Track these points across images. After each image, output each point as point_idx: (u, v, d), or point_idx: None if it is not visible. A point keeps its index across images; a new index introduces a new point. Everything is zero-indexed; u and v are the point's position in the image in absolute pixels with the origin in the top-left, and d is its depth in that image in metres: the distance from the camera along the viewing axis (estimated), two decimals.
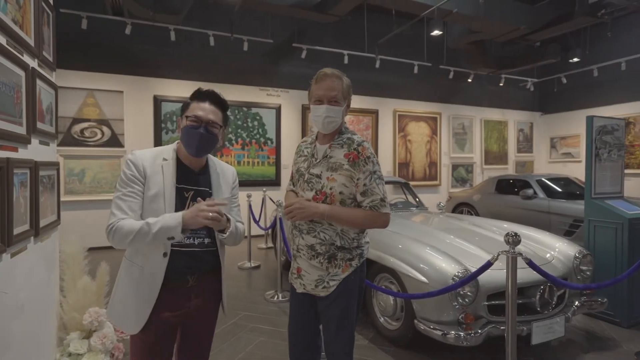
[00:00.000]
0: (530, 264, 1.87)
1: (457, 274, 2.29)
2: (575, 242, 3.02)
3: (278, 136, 7.10)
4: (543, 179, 5.99)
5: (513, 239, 1.77)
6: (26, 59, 1.74)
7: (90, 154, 5.76)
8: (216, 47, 6.29)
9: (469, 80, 8.41)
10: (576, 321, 3.12)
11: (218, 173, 1.48)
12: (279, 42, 6.98)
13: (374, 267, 2.85)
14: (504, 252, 1.81)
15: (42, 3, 1.97)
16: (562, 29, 7.02)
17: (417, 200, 4.44)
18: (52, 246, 2.10)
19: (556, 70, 8.92)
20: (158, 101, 6.20)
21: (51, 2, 2.14)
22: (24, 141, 1.70)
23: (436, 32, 6.18)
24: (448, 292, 2.18)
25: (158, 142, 6.19)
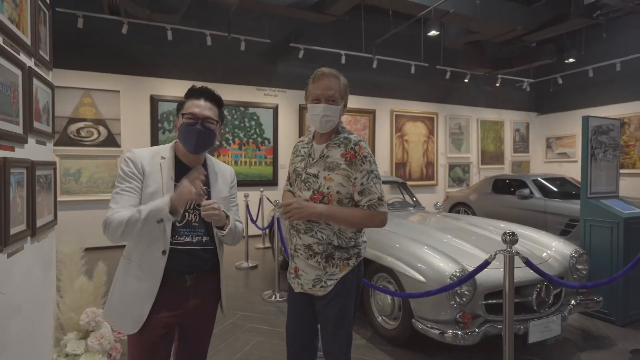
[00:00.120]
0: (527, 263, 1.88)
1: (455, 273, 2.30)
2: (571, 242, 3.04)
3: (275, 136, 7.10)
4: (539, 179, 6.03)
5: (510, 238, 1.77)
6: (23, 58, 1.73)
7: (86, 154, 5.73)
8: (213, 47, 6.28)
9: (466, 80, 8.44)
10: (572, 320, 3.14)
11: (216, 172, 1.49)
12: (276, 42, 6.97)
13: (372, 267, 2.85)
14: (502, 252, 1.82)
15: (39, 2, 1.96)
16: (558, 30, 7.06)
17: (415, 200, 4.46)
18: (49, 246, 2.09)
19: (552, 70, 8.98)
20: (155, 101, 6.18)
21: (47, 1, 2.13)
22: (21, 140, 1.69)
23: (433, 33, 6.20)
24: (446, 292, 2.18)
25: (155, 142, 6.16)
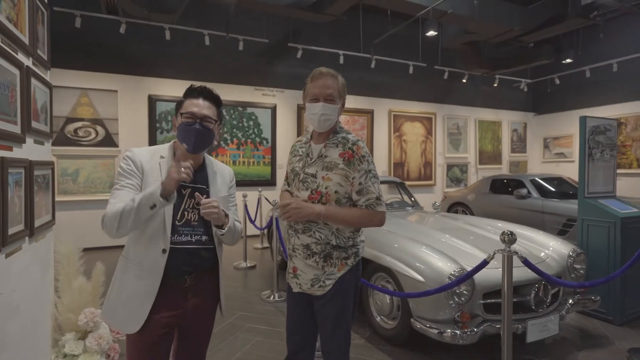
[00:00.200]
0: (525, 263, 1.88)
1: (453, 273, 2.30)
2: (568, 241, 3.05)
3: (273, 136, 7.10)
4: (537, 179, 6.05)
5: (509, 238, 1.78)
6: (21, 58, 1.72)
7: (84, 154, 5.71)
8: (211, 47, 6.27)
9: (464, 80, 8.47)
10: (570, 319, 3.15)
11: (215, 171, 1.50)
12: (275, 42, 6.97)
13: (371, 267, 2.86)
14: (500, 251, 1.82)
15: (37, 1, 1.95)
16: (555, 31, 7.10)
17: (413, 199, 4.46)
18: (47, 246, 2.08)
19: (549, 71, 9.01)
20: (153, 101, 6.17)
21: (45, 1, 2.12)
22: (19, 140, 1.68)
23: (431, 33, 6.22)
24: (444, 291, 2.19)
25: (153, 142, 6.15)
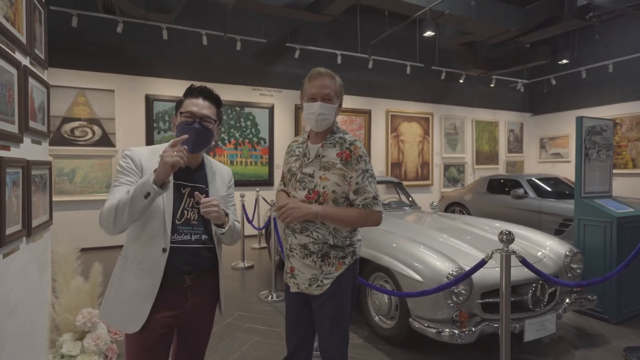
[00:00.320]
0: (523, 262, 1.89)
1: (452, 273, 2.31)
2: (565, 241, 3.07)
3: (271, 136, 7.09)
4: (533, 179, 6.08)
5: (507, 238, 1.79)
6: (18, 57, 1.71)
7: (80, 154, 5.68)
8: (209, 47, 6.25)
9: (461, 81, 8.49)
10: (567, 318, 3.17)
11: (214, 171, 1.50)
12: (272, 42, 6.97)
13: (369, 266, 2.86)
14: (498, 251, 1.83)
15: (34, 0, 1.95)
16: (552, 31, 7.13)
17: (410, 199, 4.47)
18: (44, 246, 2.07)
19: (546, 71, 9.06)
20: (150, 100, 6.15)
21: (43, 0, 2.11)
22: (16, 140, 1.67)
23: (428, 33, 6.23)
24: (442, 291, 2.19)
25: (150, 142, 6.12)
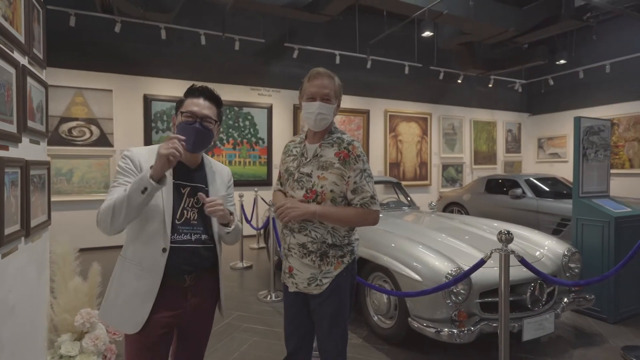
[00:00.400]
0: (522, 262, 1.90)
1: (451, 272, 2.32)
2: (563, 241, 3.08)
3: (269, 136, 7.09)
4: (531, 179, 6.09)
5: (506, 237, 1.80)
6: (16, 56, 1.71)
7: (78, 154, 5.66)
8: (207, 46, 6.25)
9: (459, 81, 8.51)
10: (565, 318, 3.18)
11: (214, 171, 1.50)
12: (271, 42, 6.96)
13: (368, 266, 2.86)
14: (497, 250, 1.84)
15: (33, 0, 1.94)
16: (549, 32, 7.16)
17: (409, 199, 4.48)
18: (43, 247, 2.06)
19: (543, 72, 9.09)
20: (148, 100, 6.13)
21: None
22: (15, 140, 1.67)
23: (427, 34, 6.24)
24: (441, 290, 2.20)
25: (148, 142, 6.11)
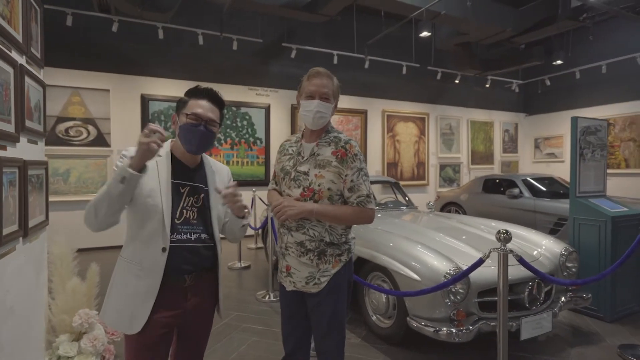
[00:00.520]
0: (520, 261, 1.91)
1: (449, 272, 2.32)
2: (560, 240, 3.10)
3: (267, 136, 7.08)
4: (528, 179, 6.12)
5: (504, 237, 1.80)
6: (14, 56, 1.70)
7: (75, 154, 5.63)
8: (205, 46, 6.23)
9: (456, 81, 8.53)
10: (562, 317, 3.19)
11: (213, 171, 1.50)
12: (269, 42, 6.96)
13: (367, 266, 2.87)
14: (496, 250, 1.84)
15: None
16: (546, 32, 7.19)
17: (407, 199, 4.49)
18: (41, 247, 2.06)
19: (540, 72, 9.14)
20: (145, 100, 6.11)
21: None
22: (13, 139, 1.66)
23: (424, 34, 6.26)
24: (440, 290, 2.20)
25: None
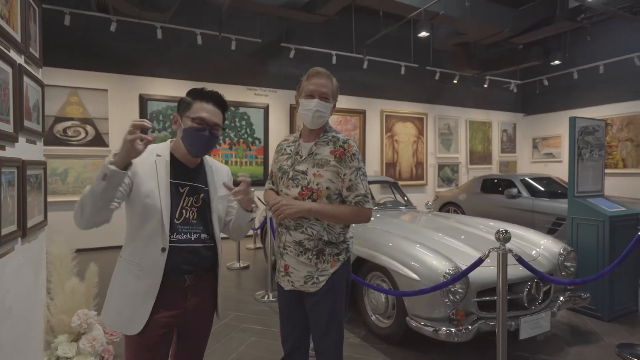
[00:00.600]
0: (520, 261, 1.91)
1: (448, 272, 2.32)
2: (558, 240, 3.11)
3: (266, 136, 7.08)
4: (527, 179, 6.14)
5: (504, 236, 1.81)
6: (13, 55, 1.69)
7: (73, 154, 5.61)
8: (204, 46, 6.22)
9: (455, 81, 8.55)
10: (560, 316, 3.21)
11: (213, 170, 1.50)
12: (267, 42, 6.95)
13: (366, 266, 2.87)
14: (495, 249, 1.85)
15: None
16: (544, 33, 7.21)
17: (406, 199, 4.49)
18: (40, 247, 2.05)
19: (538, 72, 9.16)
20: (144, 100, 6.10)
21: None
22: (12, 139, 1.65)
23: (423, 34, 6.27)
24: (439, 289, 2.21)
25: None
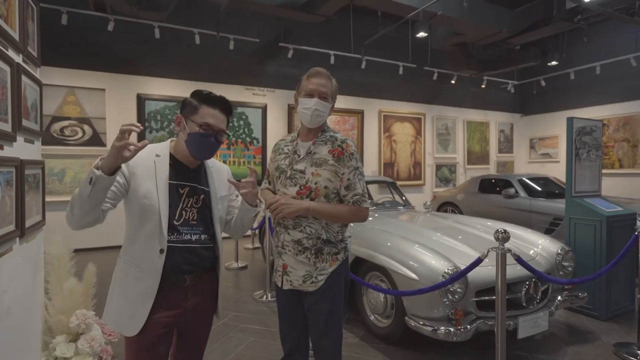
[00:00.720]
0: (518, 260, 1.92)
1: (447, 271, 2.33)
2: (556, 239, 3.12)
3: (264, 136, 7.07)
4: (524, 179, 6.16)
5: (502, 236, 1.82)
6: (11, 54, 1.68)
7: (70, 153, 5.59)
8: (202, 46, 6.21)
9: (452, 81, 8.57)
10: (558, 316, 3.22)
11: (213, 170, 1.50)
12: (266, 42, 6.95)
13: (365, 266, 2.87)
14: (494, 249, 1.86)
15: None
16: (541, 33, 7.25)
17: (404, 199, 4.50)
18: (38, 247, 2.04)
19: (535, 73, 9.20)
20: (141, 99, 6.08)
21: None
22: (10, 139, 1.64)
23: (421, 34, 6.28)
24: (438, 289, 2.22)
25: None
